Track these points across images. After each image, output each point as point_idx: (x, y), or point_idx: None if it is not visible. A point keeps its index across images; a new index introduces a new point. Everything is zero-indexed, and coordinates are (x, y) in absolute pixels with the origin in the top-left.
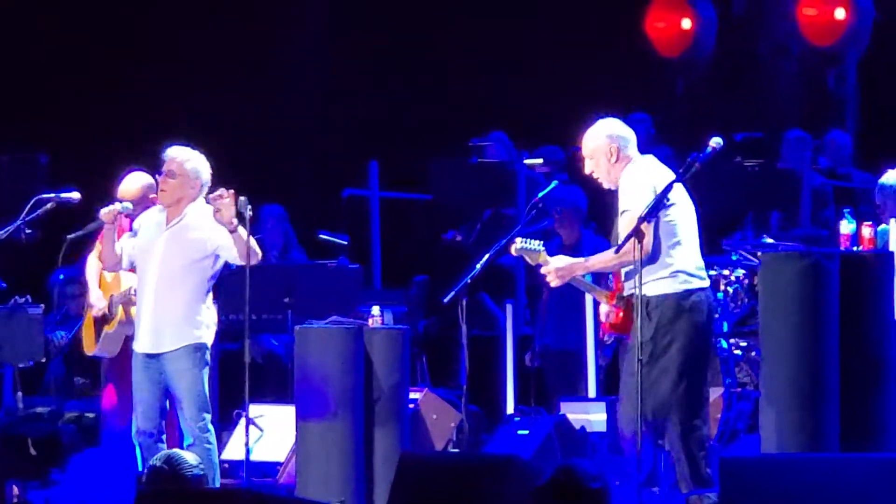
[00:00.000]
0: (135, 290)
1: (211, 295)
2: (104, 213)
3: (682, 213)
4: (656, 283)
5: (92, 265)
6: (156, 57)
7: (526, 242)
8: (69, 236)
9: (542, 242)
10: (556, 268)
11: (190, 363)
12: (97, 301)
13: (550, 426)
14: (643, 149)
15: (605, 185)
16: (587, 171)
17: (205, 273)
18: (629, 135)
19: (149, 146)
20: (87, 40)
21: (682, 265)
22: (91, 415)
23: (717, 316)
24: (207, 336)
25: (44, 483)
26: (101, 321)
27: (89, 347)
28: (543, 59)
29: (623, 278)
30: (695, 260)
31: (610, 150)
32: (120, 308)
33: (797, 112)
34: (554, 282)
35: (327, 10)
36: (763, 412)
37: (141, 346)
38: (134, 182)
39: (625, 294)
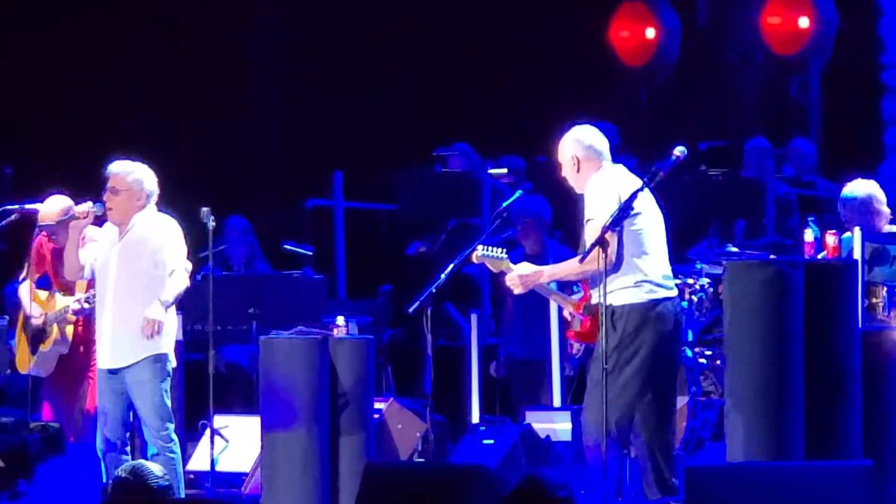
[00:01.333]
0: (72, 310)
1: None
2: (79, 209)
3: (649, 222)
4: (622, 293)
5: (25, 286)
6: (120, 70)
7: (488, 250)
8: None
9: (504, 250)
10: (519, 275)
11: (150, 374)
12: (35, 318)
13: (515, 436)
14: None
15: (577, 191)
16: (562, 175)
17: (159, 282)
18: (599, 143)
19: (112, 159)
20: (52, 53)
21: (648, 274)
22: (56, 425)
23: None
24: (167, 345)
25: (11, 495)
26: (35, 339)
27: (22, 366)
28: (507, 69)
29: (590, 287)
30: (661, 269)
31: (574, 157)
32: (55, 327)
33: (761, 121)
34: (517, 289)
35: (291, 20)
36: (728, 421)
37: (102, 361)
38: (53, 205)
39: (592, 303)
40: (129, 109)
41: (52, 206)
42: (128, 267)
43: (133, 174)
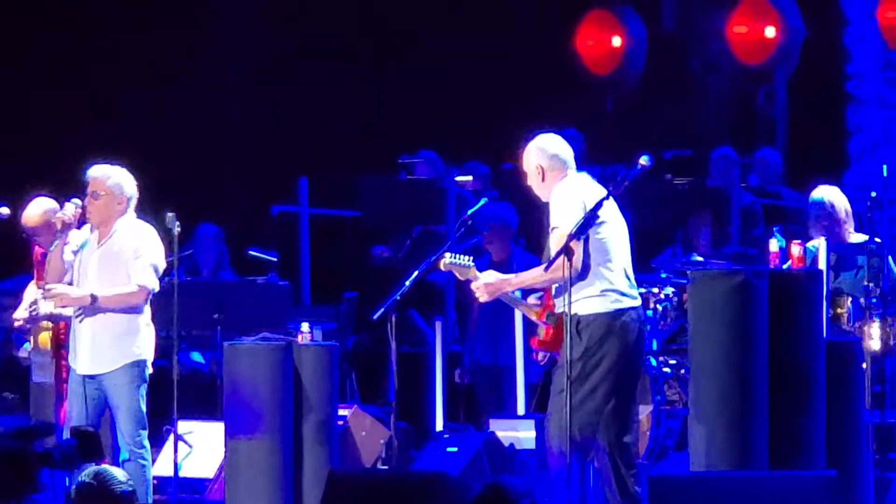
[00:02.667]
0: (23, 319)
1: (149, 309)
2: (67, 213)
3: (614, 230)
4: (587, 302)
5: (31, 290)
6: (85, 75)
7: (455, 258)
8: None
9: (471, 258)
10: (485, 283)
11: (128, 379)
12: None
13: (479, 443)
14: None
15: (543, 200)
16: (528, 184)
17: None
18: (563, 151)
19: (78, 164)
20: (15, 55)
21: (612, 284)
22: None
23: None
24: (146, 352)
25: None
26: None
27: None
28: (474, 76)
29: (554, 295)
30: (625, 279)
31: (539, 166)
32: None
33: (727, 130)
34: (483, 297)
35: (256, 27)
36: (692, 430)
37: (80, 367)
38: (36, 208)
39: (556, 312)
40: (99, 113)
41: (34, 209)
42: (107, 273)
43: (112, 178)
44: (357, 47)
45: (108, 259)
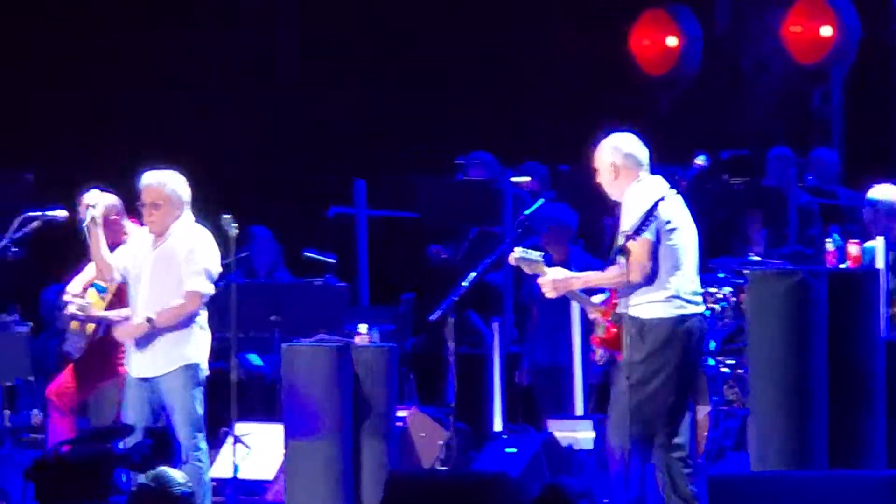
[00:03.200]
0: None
1: (205, 312)
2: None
3: (685, 236)
4: (651, 306)
5: (89, 271)
6: (142, 77)
7: (525, 252)
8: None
9: (542, 254)
10: (553, 279)
11: (182, 382)
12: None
13: (538, 444)
14: None
15: (613, 199)
16: (598, 181)
17: None
18: (637, 151)
19: (134, 165)
20: (74, 59)
21: (678, 290)
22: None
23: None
24: (200, 355)
25: None
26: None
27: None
28: (529, 77)
29: (619, 295)
30: (691, 285)
31: (613, 165)
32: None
33: (782, 130)
34: (550, 293)
35: (314, 29)
36: (750, 430)
37: (135, 370)
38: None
39: (620, 311)
40: (152, 115)
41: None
42: (162, 276)
43: (168, 184)
44: (415, 48)
45: (162, 262)
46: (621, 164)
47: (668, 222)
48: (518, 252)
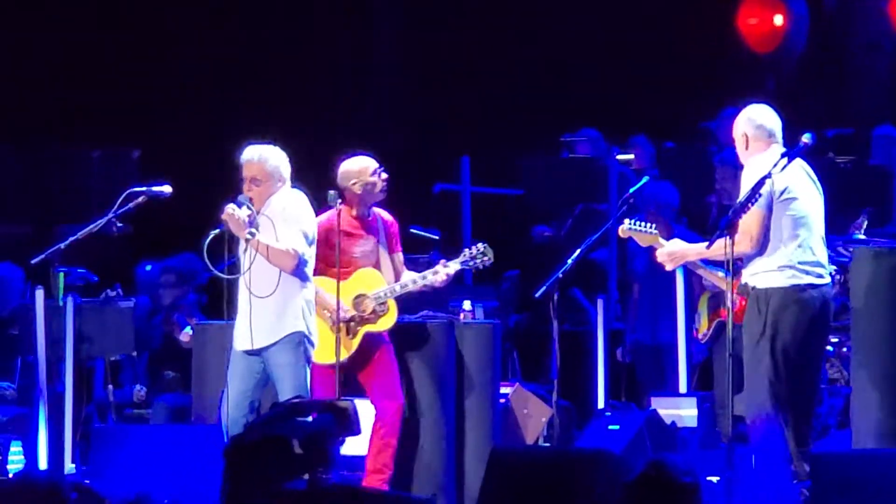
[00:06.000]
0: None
1: (312, 286)
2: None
3: (806, 207)
4: (765, 276)
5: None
6: (244, 52)
7: (636, 224)
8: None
9: (654, 225)
10: (669, 251)
11: (291, 356)
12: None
13: (641, 421)
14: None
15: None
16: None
17: None
18: (769, 122)
19: (238, 141)
20: (179, 36)
21: (792, 260)
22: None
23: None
24: (307, 327)
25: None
26: (349, 324)
27: (331, 356)
28: (635, 55)
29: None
30: (809, 256)
31: (744, 135)
32: (390, 302)
33: (888, 108)
34: (668, 265)
35: (418, 4)
36: (854, 408)
37: (240, 343)
38: (354, 164)
39: (743, 283)
40: (254, 92)
41: (352, 165)
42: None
43: (270, 160)
44: (520, 24)
45: (262, 230)
46: (752, 134)
47: (784, 192)
48: (627, 223)
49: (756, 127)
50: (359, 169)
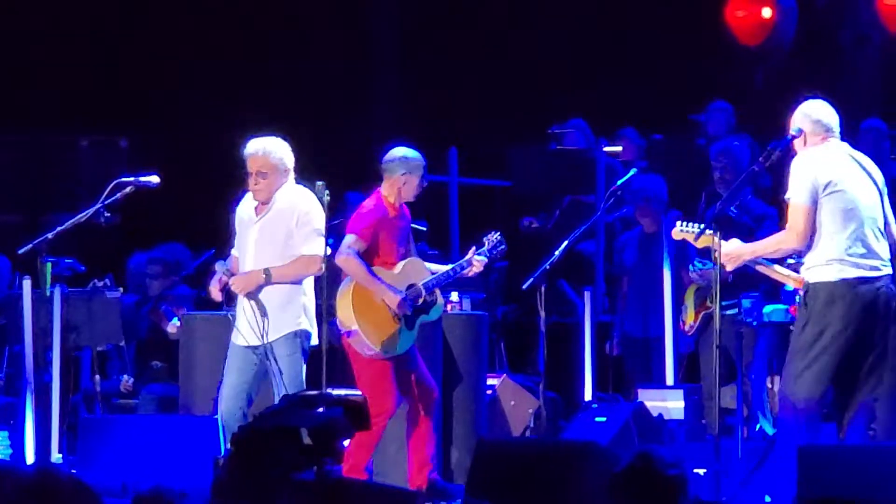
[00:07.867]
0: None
1: (312, 280)
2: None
3: (855, 199)
4: (814, 270)
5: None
6: (236, 44)
7: (685, 225)
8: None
9: (701, 225)
10: (726, 252)
11: (290, 350)
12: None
13: (628, 413)
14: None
15: None
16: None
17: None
18: (826, 117)
19: (227, 132)
20: (169, 28)
21: (840, 253)
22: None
23: None
24: (307, 322)
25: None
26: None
27: (395, 347)
28: (623, 47)
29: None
30: (860, 249)
31: (801, 131)
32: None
33: (879, 101)
34: (728, 265)
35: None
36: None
37: (241, 338)
38: (417, 156)
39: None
40: (246, 83)
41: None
42: (266, 244)
43: (275, 152)
44: (509, 17)
45: (268, 229)
46: (809, 130)
47: (828, 185)
48: (679, 226)
49: (814, 122)
50: (419, 164)
